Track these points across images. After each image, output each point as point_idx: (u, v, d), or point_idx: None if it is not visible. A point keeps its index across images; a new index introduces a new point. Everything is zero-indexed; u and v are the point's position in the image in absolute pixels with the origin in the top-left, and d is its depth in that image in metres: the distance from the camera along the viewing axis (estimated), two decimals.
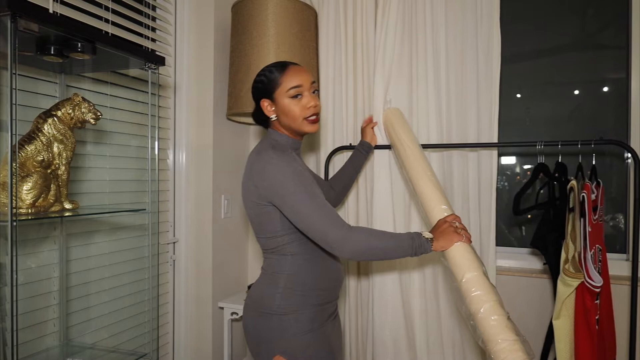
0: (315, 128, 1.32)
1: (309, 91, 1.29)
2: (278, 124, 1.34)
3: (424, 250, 1.23)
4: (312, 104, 1.28)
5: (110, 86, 1.59)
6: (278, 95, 1.29)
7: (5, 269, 0.97)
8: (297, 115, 1.28)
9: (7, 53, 0.95)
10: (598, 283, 1.48)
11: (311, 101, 1.28)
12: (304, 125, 1.29)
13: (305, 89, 1.28)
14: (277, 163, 1.20)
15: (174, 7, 1.94)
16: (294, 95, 1.28)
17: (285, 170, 1.20)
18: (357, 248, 1.17)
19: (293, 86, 1.27)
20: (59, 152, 1.21)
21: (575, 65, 1.99)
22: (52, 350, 1.39)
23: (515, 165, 2.12)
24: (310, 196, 1.18)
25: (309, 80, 1.30)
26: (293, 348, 1.23)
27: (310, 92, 1.29)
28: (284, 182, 1.18)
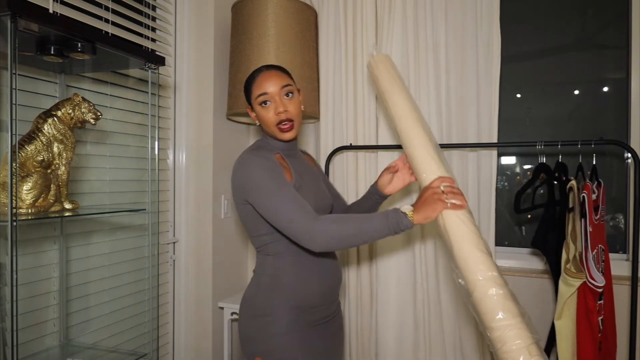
0: (288, 136, 1.27)
1: (280, 96, 1.26)
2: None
3: (403, 227, 1.11)
4: (281, 110, 1.24)
5: (110, 86, 1.59)
6: (253, 103, 1.29)
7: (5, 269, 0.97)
8: (269, 123, 1.26)
9: (7, 53, 0.95)
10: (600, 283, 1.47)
11: (280, 107, 1.25)
12: (276, 132, 1.27)
13: (274, 95, 1.25)
14: (249, 161, 1.20)
15: (174, 7, 1.94)
16: (262, 102, 1.26)
17: (255, 167, 1.18)
18: (326, 238, 1.12)
19: (260, 94, 1.26)
20: (59, 152, 1.21)
21: (575, 65, 1.99)
22: (52, 350, 1.39)
23: (515, 165, 2.12)
24: (277, 189, 1.16)
25: (278, 85, 1.26)
26: (270, 350, 1.22)
27: (282, 97, 1.26)
28: (253, 178, 1.18)
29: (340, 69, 1.99)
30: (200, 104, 1.97)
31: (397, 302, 1.93)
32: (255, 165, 1.19)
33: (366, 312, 1.99)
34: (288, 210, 1.14)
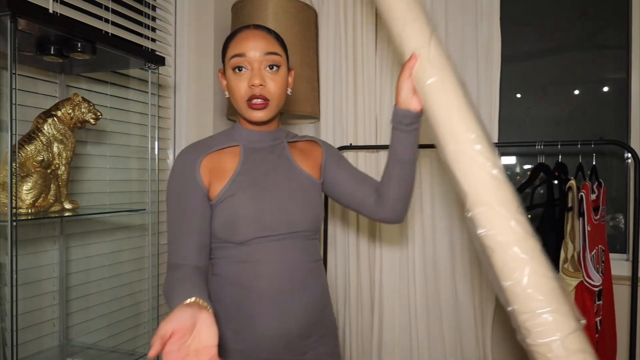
0: (258, 116, 1.00)
1: (260, 64, 0.98)
2: None
3: None
4: (256, 82, 0.97)
5: (110, 86, 1.59)
6: (226, 64, 1.03)
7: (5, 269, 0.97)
8: (238, 96, 1.00)
9: (7, 53, 0.95)
10: (597, 282, 1.48)
11: (255, 78, 0.97)
12: (244, 109, 1.00)
13: (253, 61, 0.98)
14: (173, 165, 1.03)
15: (174, 7, 1.94)
16: (235, 67, 0.99)
17: (170, 176, 1.01)
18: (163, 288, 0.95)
19: (235, 54, 0.99)
20: (59, 152, 1.21)
21: (575, 65, 1.99)
22: (52, 350, 1.39)
23: (515, 165, 2.12)
24: (173, 212, 0.99)
25: (261, 49, 0.98)
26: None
27: (262, 66, 0.99)
28: (167, 188, 1.02)
29: (340, 69, 1.99)
30: (200, 104, 1.97)
31: (397, 303, 1.93)
32: (171, 174, 1.02)
33: (366, 312, 1.99)
34: (169, 242, 1.00)
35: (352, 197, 1.16)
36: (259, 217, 0.99)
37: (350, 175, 1.17)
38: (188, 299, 0.82)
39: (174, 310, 0.76)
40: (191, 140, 1.98)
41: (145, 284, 1.67)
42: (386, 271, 1.93)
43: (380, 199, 1.13)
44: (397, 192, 1.10)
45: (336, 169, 1.17)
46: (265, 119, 1.02)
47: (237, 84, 1.00)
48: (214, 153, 1.03)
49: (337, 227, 2.04)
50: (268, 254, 1.01)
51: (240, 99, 1.00)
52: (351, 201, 1.17)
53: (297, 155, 1.13)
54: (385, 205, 1.13)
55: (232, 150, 1.06)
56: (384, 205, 1.13)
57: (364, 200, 1.15)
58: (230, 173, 1.02)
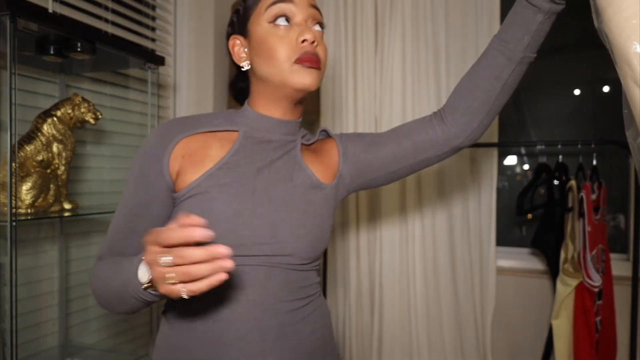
0: (310, 79, 0.77)
1: (306, 19, 0.78)
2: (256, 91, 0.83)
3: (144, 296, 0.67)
4: (309, 37, 0.76)
5: (110, 86, 1.59)
6: (253, 22, 0.79)
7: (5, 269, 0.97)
8: (281, 55, 0.76)
9: (7, 53, 0.95)
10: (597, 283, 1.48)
11: (307, 32, 0.76)
12: (292, 73, 0.76)
13: (299, 12, 0.78)
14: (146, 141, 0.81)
15: (173, 7, 1.94)
16: (276, 18, 0.77)
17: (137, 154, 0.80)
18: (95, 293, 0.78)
19: (275, 1, 0.77)
20: (59, 152, 1.21)
21: (575, 65, 1.99)
22: (51, 351, 1.39)
23: (515, 165, 2.12)
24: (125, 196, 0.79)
25: (307, 2, 0.79)
26: None
27: (308, 23, 0.79)
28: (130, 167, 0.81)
29: (341, 68, 1.99)
30: (200, 104, 1.97)
31: (397, 303, 1.93)
32: (139, 150, 0.79)
33: (366, 312, 1.99)
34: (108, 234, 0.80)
35: (401, 155, 0.89)
36: (233, 228, 0.74)
37: (382, 137, 0.90)
38: None
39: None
40: None
41: None
42: (386, 271, 1.93)
43: (456, 115, 0.86)
44: (492, 101, 0.84)
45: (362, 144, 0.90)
46: (315, 86, 0.78)
47: (279, 41, 0.76)
48: (200, 134, 0.79)
49: (337, 227, 2.04)
50: (237, 284, 0.75)
51: (284, 60, 0.76)
52: (407, 158, 0.89)
53: (308, 155, 0.88)
54: (464, 121, 0.85)
55: (227, 136, 0.82)
56: (462, 122, 0.86)
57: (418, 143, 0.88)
58: (212, 163, 0.77)
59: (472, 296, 1.83)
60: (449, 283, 1.86)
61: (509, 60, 0.80)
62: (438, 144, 0.88)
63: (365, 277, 1.98)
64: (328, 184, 0.87)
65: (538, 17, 0.77)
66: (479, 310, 1.83)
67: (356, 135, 0.93)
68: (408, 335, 1.91)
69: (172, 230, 0.56)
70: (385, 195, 1.92)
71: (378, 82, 1.93)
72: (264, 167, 0.80)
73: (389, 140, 0.89)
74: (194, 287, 0.57)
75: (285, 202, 0.79)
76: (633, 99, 0.66)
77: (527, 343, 1.89)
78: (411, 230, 1.90)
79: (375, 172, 0.91)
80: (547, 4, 0.76)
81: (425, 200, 1.88)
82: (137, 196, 0.77)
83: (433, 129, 0.88)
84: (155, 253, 0.58)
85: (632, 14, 0.59)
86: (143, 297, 0.67)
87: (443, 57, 1.85)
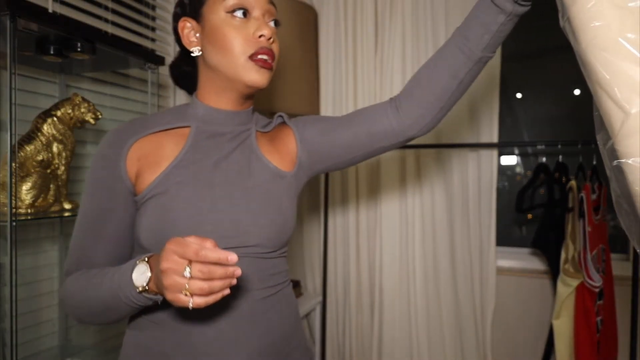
0: (261, 78, 0.77)
1: (263, 14, 0.79)
2: (205, 79, 0.82)
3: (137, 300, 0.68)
4: (266, 33, 0.76)
5: (110, 86, 1.59)
6: (209, 8, 0.78)
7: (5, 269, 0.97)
8: (236, 47, 0.76)
9: (7, 53, 0.95)
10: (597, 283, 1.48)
11: (264, 28, 0.76)
12: (245, 69, 0.76)
13: (256, 7, 0.78)
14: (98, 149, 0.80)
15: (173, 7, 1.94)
16: (233, 9, 0.76)
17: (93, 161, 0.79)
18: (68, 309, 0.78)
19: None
20: (59, 152, 1.21)
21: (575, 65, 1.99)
22: (51, 351, 1.39)
23: (515, 166, 2.12)
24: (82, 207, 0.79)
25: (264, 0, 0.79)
26: None
27: (265, 18, 0.80)
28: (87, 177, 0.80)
29: (340, 69, 1.99)
30: None
31: (397, 303, 1.93)
32: (94, 158, 0.79)
33: (366, 312, 1.99)
34: (71, 246, 0.79)
35: (356, 142, 0.88)
36: (196, 225, 0.74)
37: (337, 123, 0.89)
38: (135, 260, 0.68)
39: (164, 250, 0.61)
40: None
41: None
42: (386, 271, 1.93)
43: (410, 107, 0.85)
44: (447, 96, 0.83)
45: (317, 131, 0.89)
46: (265, 84, 0.79)
47: (237, 34, 0.75)
48: (152, 135, 0.79)
49: (337, 227, 2.04)
50: None
51: (239, 53, 0.75)
52: (363, 147, 0.89)
53: (264, 144, 0.88)
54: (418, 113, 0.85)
55: (179, 132, 0.81)
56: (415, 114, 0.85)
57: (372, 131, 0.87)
58: (168, 162, 0.77)
59: (472, 296, 1.83)
60: (449, 283, 1.86)
61: (467, 59, 0.80)
62: (393, 134, 0.88)
63: (365, 277, 1.98)
64: (287, 172, 0.87)
65: (500, 17, 0.77)
66: (479, 310, 1.83)
67: (312, 120, 0.92)
68: (408, 335, 1.91)
69: (208, 250, 0.58)
70: (385, 195, 1.92)
71: (378, 82, 1.93)
72: (220, 160, 0.80)
73: (344, 129, 0.88)
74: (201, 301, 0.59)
75: (245, 193, 0.79)
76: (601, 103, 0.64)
77: (527, 343, 1.89)
78: (411, 230, 1.90)
79: (332, 159, 0.91)
80: (510, 5, 0.76)
81: (426, 200, 1.88)
82: (99, 204, 0.77)
83: (389, 119, 0.87)
84: (180, 264, 0.59)
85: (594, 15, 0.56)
86: (136, 301, 0.67)
87: None
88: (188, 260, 0.59)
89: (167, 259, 0.60)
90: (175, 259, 0.60)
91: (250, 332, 0.77)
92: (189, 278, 0.59)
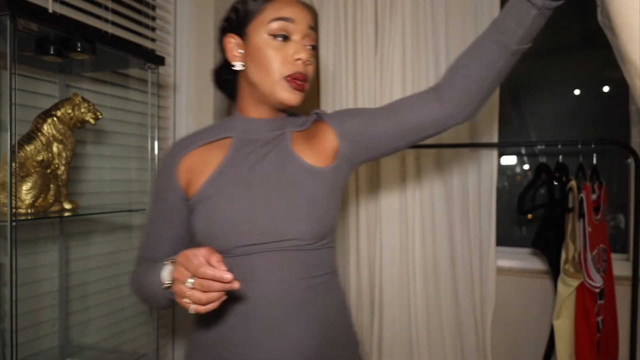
0: (294, 98, 0.85)
1: (302, 37, 0.85)
2: (245, 92, 0.90)
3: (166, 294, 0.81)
4: (303, 57, 0.83)
5: (110, 86, 1.59)
6: (253, 28, 0.84)
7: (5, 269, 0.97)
8: (274, 67, 0.83)
9: (7, 53, 0.95)
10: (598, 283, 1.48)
11: (302, 52, 0.83)
12: (279, 88, 0.84)
13: (298, 31, 0.84)
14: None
15: (173, 6, 1.94)
16: (276, 33, 0.83)
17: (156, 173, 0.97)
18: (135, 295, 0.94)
19: (279, 17, 0.83)
20: (59, 152, 1.21)
21: (575, 65, 1.99)
22: (51, 351, 1.39)
23: (515, 165, 2.12)
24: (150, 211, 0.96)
25: (307, 22, 0.85)
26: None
27: (304, 42, 0.85)
28: None
29: (340, 69, 1.99)
30: (200, 104, 1.97)
31: (397, 302, 1.93)
32: (157, 170, 1.00)
33: (366, 311, 1.99)
34: (142, 240, 0.97)
35: (399, 131, 0.92)
36: (236, 223, 0.83)
37: (379, 114, 0.93)
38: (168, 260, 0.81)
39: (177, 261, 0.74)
40: None
41: None
42: (386, 271, 1.93)
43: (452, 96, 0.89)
44: (487, 86, 0.86)
45: (358, 122, 0.93)
46: (297, 104, 0.86)
47: (276, 54, 0.82)
48: (199, 148, 0.91)
49: (336, 227, 2.04)
50: (253, 270, 0.84)
51: (276, 72, 0.82)
52: (407, 136, 0.93)
53: (300, 143, 0.93)
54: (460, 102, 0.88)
55: (222, 143, 0.91)
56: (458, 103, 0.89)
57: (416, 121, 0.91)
58: (211, 171, 0.87)
59: (472, 296, 1.83)
60: (449, 283, 1.86)
61: (503, 51, 0.83)
62: (436, 123, 0.92)
63: (365, 277, 1.98)
64: (324, 167, 0.91)
65: (532, 11, 0.79)
66: (478, 310, 1.83)
67: (350, 112, 0.97)
68: (408, 335, 1.91)
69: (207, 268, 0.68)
70: (385, 194, 1.92)
71: (378, 82, 1.93)
72: (256, 163, 0.88)
73: (387, 120, 0.92)
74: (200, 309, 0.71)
75: (280, 192, 0.86)
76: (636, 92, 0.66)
77: (527, 343, 1.89)
78: (411, 230, 1.90)
79: (376, 149, 0.95)
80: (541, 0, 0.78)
81: (425, 200, 1.88)
82: (159, 209, 0.94)
83: (433, 109, 0.91)
84: (184, 275, 0.71)
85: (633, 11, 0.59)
86: (166, 295, 0.80)
87: (443, 57, 1.85)
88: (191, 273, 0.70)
89: (176, 269, 0.72)
90: (182, 270, 0.71)
91: (299, 319, 0.84)
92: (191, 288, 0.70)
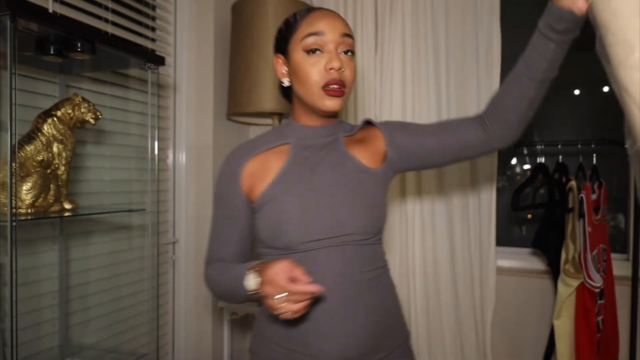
0: (334, 104, 0.90)
1: (336, 47, 0.89)
2: (296, 104, 0.99)
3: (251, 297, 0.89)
4: (336, 65, 0.88)
5: (110, 86, 1.59)
6: (292, 48, 0.92)
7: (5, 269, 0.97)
8: (311, 81, 0.89)
9: (7, 53, 0.95)
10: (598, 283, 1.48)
11: (334, 61, 0.88)
12: (317, 97, 0.90)
13: (330, 42, 0.89)
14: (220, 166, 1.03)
15: (173, 7, 1.94)
16: (309, 49, 0.89)
17: (217, 178, 1.01)
18: (210, 290, 1.02)
19: (310, 32, 0.89)
20: (59, 152, 1.21)
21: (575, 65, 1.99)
22: (51, 351, 1.39)
23: (515, 165, 2.12)
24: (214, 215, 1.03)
25: (339, 31, 0.89)
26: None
27: (337, 50, 0.90)
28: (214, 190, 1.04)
29: None
30: (200, 104, 1.97)
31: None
32: (218, 177, 1.02)
33: None
34: (209, 241, 1.04)
35: (445, 150, 1.00)
36: (302, 221, 0.90)
37: (428, 131, 1.01)
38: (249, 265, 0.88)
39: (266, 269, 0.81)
40: (191, 140, 1.98)
41: (146, 284, 1.67)
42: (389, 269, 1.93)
43: (494, 124, 0.96)
44: (523, 114, 0.93)
45: (407, 135, 1.01)
46: (339, 109, 0.91)
47: (310, 69, 0.89)
48: (260, 154, 0.98)
49: None
50: (315, 264, 0.89)
51: (314, 85, 0.89)
52: (451, 154, 1.01)
53: (353, 146, 1.01)
54: (502, 129, 0.96)
55: (281, 149, 0.98)
56: (500, 131, 0.96)
57: (462, 143, 0.99)
58: (274, 174, 0.94)
59: (472, 296, 1.83)
60: (449, 283, 1.86)
61: (532, 81, 0.91)
62: (480, 146, 1.00)
63: None
64: (376, 168, 1.00)
65: (551, 45, 0.89)
66: (478, 310, 1.83)
67: (400, 125, 1.06)
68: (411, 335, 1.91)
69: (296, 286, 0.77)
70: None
71: (378, 82, 1.93)
72: (315, 166, 0.95)
73: (433, 137, 1.01)
74: (288, 316, 0.79)
75: (340, 190, 0.93)
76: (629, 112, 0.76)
77: (527, 343, 1.89)
78: (411, 230, 1.90)
79: (420, 161, 1.04)
80: (556, 35, 0.87)
81: (426, 200, 1.88)
82: (223, 213, 1.00)
83: (477, 134, 0.99)
84: (272, 293, 0.79)
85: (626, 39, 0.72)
86: (251, 298, 0.87)
87: (443, 57, 1.85)
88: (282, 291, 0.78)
89: (263, 289, 0.81)
90: (268, 289, 0.80)
91: (358, 310, 0.90)
92: (282, 299, 0.78)
